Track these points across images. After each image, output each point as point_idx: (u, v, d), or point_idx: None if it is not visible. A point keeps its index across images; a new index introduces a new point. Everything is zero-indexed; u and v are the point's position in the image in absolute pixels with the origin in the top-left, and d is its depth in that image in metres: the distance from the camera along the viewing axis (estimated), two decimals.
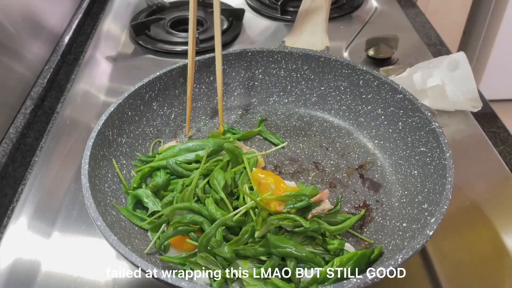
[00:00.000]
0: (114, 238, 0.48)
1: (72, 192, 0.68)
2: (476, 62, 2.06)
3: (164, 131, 0.75)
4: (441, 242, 0.60)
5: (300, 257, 0.51)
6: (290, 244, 0.51)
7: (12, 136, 0.74)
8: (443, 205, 0.51)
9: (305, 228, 0.52)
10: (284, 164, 0.71)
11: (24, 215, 0.65)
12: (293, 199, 0.55)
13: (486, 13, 1.95)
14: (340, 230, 0.56)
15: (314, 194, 0.56)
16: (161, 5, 1.11)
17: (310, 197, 0.55)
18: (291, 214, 0.54)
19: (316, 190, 0.56)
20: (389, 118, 0.70)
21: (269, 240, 0.51)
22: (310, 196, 0.55)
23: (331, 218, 0.57)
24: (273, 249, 0.51)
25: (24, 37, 0.85)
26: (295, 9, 1.08)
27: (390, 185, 0.66)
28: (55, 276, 0.57)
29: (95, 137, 0.60)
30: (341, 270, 0.50)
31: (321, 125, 0.77)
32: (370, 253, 0.53)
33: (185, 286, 0.43)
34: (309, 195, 0.55)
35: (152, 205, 0.59)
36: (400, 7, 1.13)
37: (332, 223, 0.57)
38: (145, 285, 0.57)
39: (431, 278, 0.56)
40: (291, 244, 0.51)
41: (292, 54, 0.77)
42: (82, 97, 0.87)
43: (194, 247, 0.54)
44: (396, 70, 0.86)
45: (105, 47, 1.01)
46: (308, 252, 0.52)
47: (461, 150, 0.72)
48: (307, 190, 0.56)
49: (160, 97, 0.73)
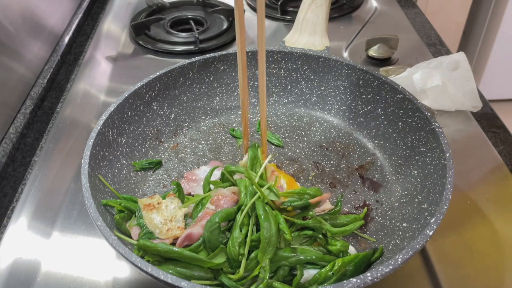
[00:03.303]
0: (114, 238, 0.48)
1: (72, 192, 0.68)
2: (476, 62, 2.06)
3: (164, 131, 0.75)
4: (441, 242, 0.60)
5: (311, 260, 0.51)
6: (298, 252, 0.51)
7: (12, 136, 0.74)
8: (443, 205, 0.51)
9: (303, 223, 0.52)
10: (284, 164, 0.71)
11: (24, 215, 0.65)
12: (296, 196, 0.56)
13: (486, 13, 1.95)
14: (343, 233, 0.56)
15: (317, 195, 0.56)
16: (161, 5, 1.11)
17: (312, 197, 0.55)
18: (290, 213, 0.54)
19: (320, 192, 0.56)
20: (389, 118, 0.70)
21: (276, 255, 0.50)
22: (313, 195, 0.55)
23: (334, 220, 0.57)
24: (283, 261, 0.51)
25: (24, 37, 0.85)
26: (295, 9, 1.08)
27: (390, 185, 0.66)
28: (55, 276, 0.57)
29: (95, 137, 0.60)
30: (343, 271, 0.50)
31: (321, 125, 0.77)
32: (372, 254, 0.53)
33: (185, 286, 0.43)
34: (312, 194, 0.56)
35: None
36: (400, 7, 1.13)
37: (337, 225, 0.57)
38: (145, 285, 0.57)
39: (431, 278, 0.56)
40: (299, 251, 0.51)
41: (292, 54, 0.77)
42: (82, 97, 0.87)
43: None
44: (396, 70, 0.86)
45: (105, 47, 1.01)
46: (316, 253, 0.52)
47: (461, 150, 0.72)
48: (311, 190, 0.56)
49: (160, 97, 0.73)
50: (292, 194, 0.56)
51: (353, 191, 0.66)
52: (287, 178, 0.63)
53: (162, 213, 0.57)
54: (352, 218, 0.58)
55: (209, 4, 1.13)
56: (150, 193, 0.66)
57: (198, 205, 0.58)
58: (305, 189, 0.57)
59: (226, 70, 0.78)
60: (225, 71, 0.78)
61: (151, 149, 0.72)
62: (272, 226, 0.50)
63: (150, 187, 0.67)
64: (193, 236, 0.53)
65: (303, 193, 0.56)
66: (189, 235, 0.53)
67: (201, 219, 0.55)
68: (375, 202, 0.64)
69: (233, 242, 0.50)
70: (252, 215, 0.53)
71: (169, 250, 0.49)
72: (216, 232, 0.51)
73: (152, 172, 0.69)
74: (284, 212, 0.54)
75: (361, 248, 0.58)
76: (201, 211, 0.56)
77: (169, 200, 0.58)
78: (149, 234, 0.55)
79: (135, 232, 0.56)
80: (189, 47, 0.98)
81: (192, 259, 0.49)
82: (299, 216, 0.55)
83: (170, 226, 0.55)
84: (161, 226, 0.55)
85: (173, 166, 0.70)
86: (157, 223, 0.55)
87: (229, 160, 0.72)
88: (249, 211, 0.53)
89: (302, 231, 0.54)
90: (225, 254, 0.50)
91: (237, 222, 0.52)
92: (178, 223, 0.55)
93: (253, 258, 0.50)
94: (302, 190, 0.56)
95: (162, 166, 0.70)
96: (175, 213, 0.57)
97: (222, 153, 0.73)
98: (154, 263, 0.50)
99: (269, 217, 0.51)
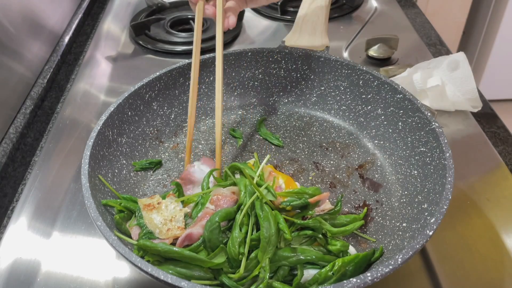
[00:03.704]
0: (114, 238, 0.48)
1: (72, 192, 0.68)
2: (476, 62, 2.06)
3: (164, 131, 0.75)
4: (441, 242, 0.60)
5: (311, 260, 0.51)
6: (298, 252, 0.51)
7: (12, 136, 0.74)
8: (443, 205, 0.51)
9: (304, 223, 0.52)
10: (284, 164, 0.71)
11: (24, 215, 0.65)
12: (295, 196, 0.56)
13: (486, 13, 1.95)
14: (343, 233, 0.56)
15: (316, 194, 0.56)
16: (161, 5, 1.11)
17: (311, 196, 0.55)
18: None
19: (319, 191, 0.56)
20: (389, 118, 0.70)
21: (276, 255, 0.50)
22: (312, 195, 0.56)
23: (334, 220, 0.57)
24: (283, 261, 0.51)
25: (24, 37, 0.85)
26: (295, 9, 1.08)
27: (390, 185, 0.66)
28: (55, 276, 0.57)
29: (95, 137, 0.60)
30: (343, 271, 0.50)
31: (321, 125, 0.77)
32: (372, 254, 0.53)
33: (185, 286, 0.43)
34: (311, 194, 0.56)
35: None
36: (400, 7, 1.13)
37: (337, 225, 0.57)
38: (145, 285, 0.57)
39: (431, 278, 0.56)
40: (299, 251, 0.51)
41: (292, 54, 0.77)
42: (82, 97, 0.87)
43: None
44: (396, 70, 0.86)
45: (105, 47, 1.01)
46: (316, 253, 0.52)
47: (461, 150, 0.72)
48: (310, 189, 0.56)
49: (160, 97, 0.73)
50: (291, 193, 0.56)
51: (353, 191, 0.66)
52: (285, 178, 0.63)
53: (162, 213, 0.57)
54: (352, 218, 0.58)
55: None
56: (150, 193, 0.66)
57: (197, 204, 0.58)
58: (304, 188, 0.57)
59: (226, 70, 0.78)
60: (225, 71, 0.78)
61: (151, 149, 0.72)
62: (271, 226, 0.50)
63: (150, 187, 0.67)
64: (193, 236, 0.53)
65: (302, 193, 0.56)
66: (189, 235, 0.53)
67: (201, 219, 0.55)
68: (375, 202, 0.64)
69: (233, 242, 0.50)
70: (251, 214, 0.53)
71: (169, 250, 0.49)
72: (216, 231, 0.51)
73: (152, 172, 0.69)
74: (283, 212, 0.54)
75: (361, 248, 0.58)
76: (201, 211, 0.56)
77: (169, 200, 0.58)
78: (149, 234, 0.55)
79: (135, 232, 0.56)
80: (189, 47, 0.98)
81: (192, 259, 0.49)
82: (298, 216, 0.55)
83: (170, 226, 0.55)
84: (161, 226, 0.55)
85: (173, 166, 0.70)
86: (157, 223, 0.55)
87: (229, 160, 0.72)
88: (249, 210, 0.53)
89: (302, 231, 0.54)
90: (225, 254, 0.50)
91: (237, 222, 0.52)
92: (178, 223, 0.55)
93: (253, 258, 0.50)
94: (301, 190, 0.56)
95: (162, 166, 0.70)
96: (175, 213, 0.57)
97: (222, 153, 0.73)
98: (154, 263, 0.50)
99: (269, 216, 0.51)
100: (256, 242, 0.51)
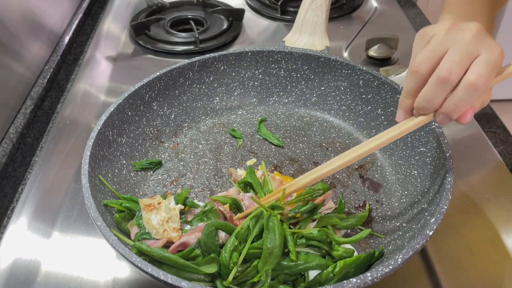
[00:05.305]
0: (114, 238, 0.48)
1: (72, 192, 0.68)
2: None
3: (164, 131, 0.75)
4: (441, 242, 0.60)
5: (313, 267, 0.51)
6: (300, 260, 0.51)
7: (12, 136, 0.74)
8: (443, 205, 0.51)
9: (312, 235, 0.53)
10: (284, 164, 0.71)
11: (24, 215, 0.65)
12: (306, 196, 0.56)
13: None
14: (348, 242, 0.55)
15: (326, 187, 0.56)
16: (161, 5, 1.11)
17: (323, 192, 0.56)
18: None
19: (326, 186, 0.57)
20: (389, 118, 0.70)
21: (278, 264, 0.50)
22: (323, 189, 0.56)
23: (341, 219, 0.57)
24: (286, 270, 0.51)
25: (24, 37, 0.85)
26: (295, 9, 1.08)
27: (390, 185, 0.66)
28: (55, 276, 0.57)
29: (95, 137, 0.60)
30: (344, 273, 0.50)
31: (321, 125, 0.77)
32: (372, 255, 0.53)
33: (185, 286, 0.43)
34: (322, 188, 0.56)
35: None
36: (400, 7, 1.13)
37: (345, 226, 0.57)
38: (145, 285, 0.57)
39: (431, 278, 0.56)
40: (301, 259, 0.51)
41: (292, 54, 0.77)
42: (82, 97, 0.87)
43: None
44: (396, 70, 0.86)
45: (105, 47, 1.01)
46: (319, 260, 0.51)
47: (461, 150, 0.72)
48: (318, 185, 0.56)
49: (160, 97, 0.73)
50: (303, 196, 0.56)
51: (353, 191, 0.66)
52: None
53: (160, 213, 0.57)
54: (359, 216, 0.58)
55: (209, 4, 1.13)
56: (150, 193, 0.66)
57: (202, 216, 0.57)
58: (311, 188, 0.57)
59: (226, 70, 0.78)
60: (225, 71, 0.78)
61: (151, 149, 0.72)
62: (276, 238, 0.49)
63: (150, 187, 0.67)
64: (188, 244, 0.53)
65: (312, 192, 0.56)
66: (184, 244, 0.53)
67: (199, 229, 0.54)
68: (375, 202, 0.64)
69: (226, 249, 0.50)
70: (255, 226, 0.52)
71: (164, 257, 0.49)
72: (212, 235, 0.51)
73: (152, 172, 0.69)
74: (293, 220, 0.55)
75: (361, 248, 0.58)
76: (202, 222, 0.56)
77: (167, 201, 0.58)
78: (145, 234, 0.55)
79: (134, 232, 0.56)
80: (189, 47, 0.98)
81: (186, 266, 0.49)
82: (307, 220, 0.55)
83: (167, 227, 0.55)
84: (158, 227, 0.55)
85: (173, 166, 0.70)
86: (154, 224, 0.55)
87: (229, 160, 0.72)
88: (253, 222, 0.53)
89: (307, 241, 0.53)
90: (218, 263, 0.50)
91: (235, 231, 0.52)
92: (174, 224, 0.55)
93: (254, 267, 0.50)
94: (311, 189, 0.56)
95: (162, 166, 0.70)
96: (171, 213, 0.56)
97: (222, 153, 0.73)
98: (154, 263, 0.50)
99: (275, 228, 0.50)
100: (258, 250, 0.50)
